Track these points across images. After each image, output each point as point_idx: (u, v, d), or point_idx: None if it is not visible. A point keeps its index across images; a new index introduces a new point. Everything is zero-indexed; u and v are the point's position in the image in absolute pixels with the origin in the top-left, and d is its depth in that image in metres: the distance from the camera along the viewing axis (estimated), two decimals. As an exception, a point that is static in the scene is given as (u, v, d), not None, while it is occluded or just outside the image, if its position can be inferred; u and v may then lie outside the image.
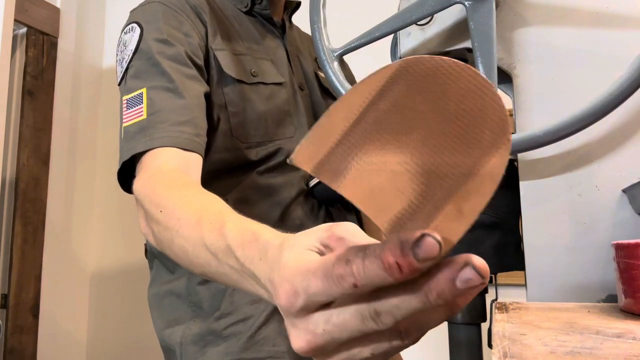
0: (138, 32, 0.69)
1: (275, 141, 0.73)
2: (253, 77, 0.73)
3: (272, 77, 0.76)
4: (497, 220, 0.63)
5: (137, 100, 0.64)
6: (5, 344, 1.71)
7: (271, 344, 0.68)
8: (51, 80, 1.93)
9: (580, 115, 0.48)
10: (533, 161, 0.57)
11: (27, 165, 1.81)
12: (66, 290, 1.96)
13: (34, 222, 1.83)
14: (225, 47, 0.72)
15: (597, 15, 0.57)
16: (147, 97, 0.63)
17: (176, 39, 0.67)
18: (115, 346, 1.96)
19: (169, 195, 0.52)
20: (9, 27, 1.52)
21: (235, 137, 0.70)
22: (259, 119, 0.72)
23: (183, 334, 0.70)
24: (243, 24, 0.79)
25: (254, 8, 0.81)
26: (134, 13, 0.72)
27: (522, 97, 0.59)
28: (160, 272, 0.75)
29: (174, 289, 0.73)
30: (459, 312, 0.64)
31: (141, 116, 0.62)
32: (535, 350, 0.33)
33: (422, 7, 0.58)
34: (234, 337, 0.68)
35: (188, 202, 0.50)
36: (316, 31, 0.62)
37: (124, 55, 0.69)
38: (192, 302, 0.71)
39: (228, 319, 0.69)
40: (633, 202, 0.53)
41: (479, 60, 0.55)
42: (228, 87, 0.70)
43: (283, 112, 0.75)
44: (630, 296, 0.42)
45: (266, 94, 0.74)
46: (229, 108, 0.70)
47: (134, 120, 0.63)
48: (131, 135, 0.62)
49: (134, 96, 0.65)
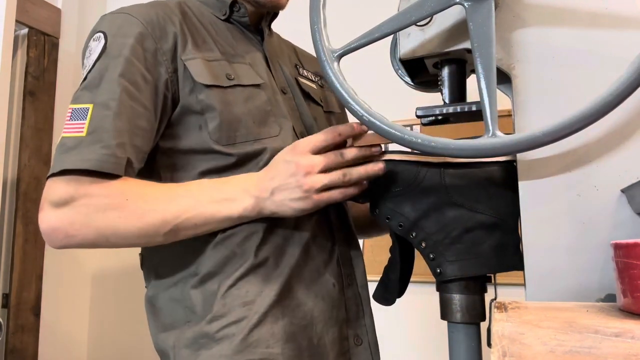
0: (102, 43, 0.70)
1: (260, 140, 0.73)
2: (229, 80, 0.74)
3: (250, 79, 0.77)
4: (497, 221, 0.63)
5: (81, 114, 0.66)
6: (6, 343, 1.71)
7: (264, 346, 0.68)
8: (52, 80, 1.93)
9: (580, 115, 0.49)
10: (532, 161, 0.58)
11: (28, 166, 1.81)
12: (67, 290, 1.96)
13: (35, 222, 1.83)
14: (196, 55, 0.73)
15: (597, 16, 0.57)
16: (92, 114, 0.65)
17: (136, 56, 0.69)
18: (116, 346, 1.96)
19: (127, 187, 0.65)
20: (10, 28, 1.52)
21: (214, 140, 0.71)
22: (238, 120, 0.72)
23: (177, 338, 0.71)
24: (220, 31, 0.81)
25: (233, 16, 0.83)
26: (103, 21, 0.73)
27: (521, 98, 0.59)
28: (158, 281, 0.76)
29: (172, 294, 0.73)
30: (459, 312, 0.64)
31: (80, 133, 0.64)
32: (535, 349, 0.33)
33: (421, 8, 0.59)
34: (227, 339, 0.68)
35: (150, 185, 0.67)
36: (316, 32, 0.62)
37: (88, 62, 0.71)
38: (186, 306, 0.71)
39: (220, 321, 0.69)
40: (632, 202, 0.53)
41: (478, 60, 0.55)
42: (202, 93, 0.71)
43: (265, 112, 0.75)
44: (629, 296, 0.42)
45: (244, 95, 0.74)
46: (206, 114, 0.71)
47: (73, 134, 0.65)
48: (65, 149, 0.64)
49: (80, 108, 0.66)
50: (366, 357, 0.78)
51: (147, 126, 0.68)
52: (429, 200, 0.65)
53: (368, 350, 0.78)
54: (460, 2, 0.57)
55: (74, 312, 1.99)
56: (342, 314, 0.77)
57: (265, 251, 0.71)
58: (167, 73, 0.71)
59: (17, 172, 1.80)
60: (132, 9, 0.73)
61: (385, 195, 0.68)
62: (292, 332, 0.70)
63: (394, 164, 0.67)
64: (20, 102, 1.83)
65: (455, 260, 0.64)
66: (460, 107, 0.66)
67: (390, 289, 0.73)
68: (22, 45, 1.86)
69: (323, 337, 0.73)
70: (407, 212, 0.66)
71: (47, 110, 1.88)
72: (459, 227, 0.64)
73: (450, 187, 0.65)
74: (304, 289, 0.73)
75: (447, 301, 0.65)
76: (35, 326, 1.80)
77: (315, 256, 0.75)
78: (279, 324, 0.69)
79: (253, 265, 0.70)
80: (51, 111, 1.90)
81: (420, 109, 0.68)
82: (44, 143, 1.86)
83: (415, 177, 0.66)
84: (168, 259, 0.74)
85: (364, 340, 0.79)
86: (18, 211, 1.78)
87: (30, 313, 1.79)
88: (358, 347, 0.78)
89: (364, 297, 0.82)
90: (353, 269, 0.81)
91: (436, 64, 0.71)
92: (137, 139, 0.67)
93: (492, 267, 0.63)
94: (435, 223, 0.65)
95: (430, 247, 0.65)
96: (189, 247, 0.71)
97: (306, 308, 0.72)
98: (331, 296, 0.76)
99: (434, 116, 0.68)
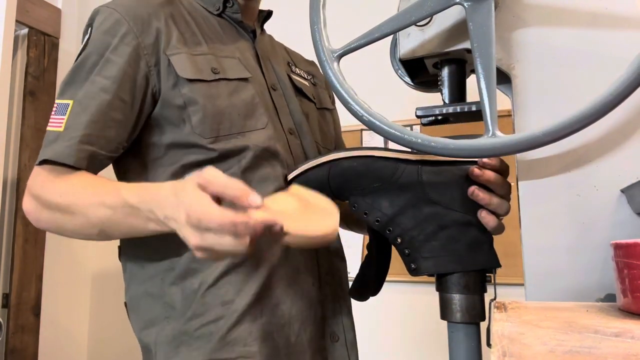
0: (87, 38, 0.74)
1: (244, 133, 0.74)
2: (214, 74, 0.74)
3: (237, 73, 0.77)
4: (471, 219, 0.64)
5: (62, 109, 0.71)
6: (6, 343, 1.71)
7: (242, 344, 0.69)
8: (52, 80, 1.93)
9: (580, 115, 0.48)
10: (532, 161, 0.58)
11: (28, 166, 1.82)
12: (67, 290, 1.96)
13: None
14: (181, 50, 0.74)
15: (596, 16, 0.57)
16: (72, 110, 0.70)
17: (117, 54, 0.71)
18: (116, 345, 1.96)
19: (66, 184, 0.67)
20: (10, 28, 1.52)
21: (198, 134, 0.71)
22: (221, 114, 0.73)
23: (157, 334, 0.72)
24: (211, 26, 0.81)
25: (225, 11, 0.84)
26: (92, 14, 0.76)
27: (521, 98, 0.59)
28: (134, 273, 0.77)
29: (148, 289, 0.74)
30: (459, 312, 0.64)
31: (59, 127, 0.70)
32: (534, 349, 0.33)
33: (421, 8, 0.59)
34: (206, 337, 0.69)
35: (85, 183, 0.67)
36: (316, 32, 0.63)
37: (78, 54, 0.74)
38: (166, 302, 0.72)
39: (200, 319, 0.70)
40: (632, 202, 0.53)
41: (478, 61, 0.55)
42: (185, 87, 0.72)
43: (252, 105, 0.76)
44: (628, 296, 0.42)
45: (229, 89, 0.75)
46: (189, 108, 0.72)
47: (54, 128, 0.70)
48: (47, 142, 0.70)
49: (62, 103, 0.72)
50: (342, 353, 0.79)
51: (122, 118, 0.70)
52: (406, 197, 0.66)
53: (344, 347, 0.79)
54: (460, 2, 0.57)
55: (74, 312, 1.99)
56: (319, 312, 0.78)
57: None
58: (147, 67, 0.72)
59: (17, 172, 1.80)
60: (118, 3, 0.75)
61: (364, 191, 0.68)
62: (269, 331, 0.71)
63: (373, 160, 0.68)
64: (20, 102, 1.83)
65: (430, 257, 0.64)
66: (460, 107, 0.66)
67: (366, 285, 0.74)
68: (22, 45, 1.86)
69: (300, 335, 0.74)
70: (385, 208, 0.66)
71: (47, 110, 1.89)
72: (434, 224, 0.65)
73: (427, 184, 0.65)
74: (282, 288, 0.73)
75: (447, 301, 0.65)
76: (35, 326, 1.80)
77: (295, 255, 0.76)
78: (257, 323, 0.70)
79: (233, 263, 0.71)
80: (51, 111, 1.90)
81: (420, 109, 0.68)
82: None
83: (393, 174, 0.67)
84: (142, 251, 0.75)
85: (341, 337, 0.79)
86: (18, 211, 1.78)
87: (30, 313, 1.79)
88: (334, 344, 0.79)
89: (343, 294, 0.82)
90: (333, 267, 0.82)
91: (436, 64, 0.71)
92: (109, 130, 0.69)
93: (466, 264, 0.64)
94: (411, 219, 0.66)
95: (405, 243, 0.66)
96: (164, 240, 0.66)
97: (284, 307, 0.73)
98: (309, 295, 0.76)
99: (433, 116, 0.68)
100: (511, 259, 0.96)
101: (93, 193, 0.66)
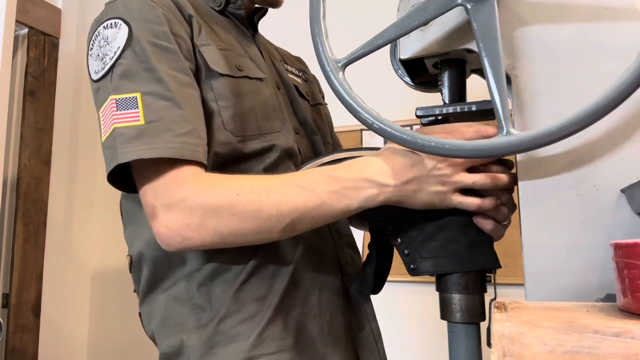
0: (125, 29, 0.65)
1: (266, 135, 0.73)
2: (239, 71, 0.73)
3: (255, 72, 0.76)
4: (471, 220, 0.64)
5: (129, 103, 0.62)
6: (6, 343, 1.71)
7: (279, 338, 0.68)
8: (52, 80, 1.93)
9: (594, 107, 0.48)
10: (532, 161, 0.58)
11: (28, 166, 1.82)
12: (67, 290, 1.97)
13: (35, 222, 1.84)
14: (210, 42, 0.71)
15: (596, 16, 0.57)
16: (143, 102, 0.61)
17: (170, 41, 0.66)
18: (116, 345, 1.96)
19: (229, 180, 0.62)
20: (10, 28, 1.52)
21: (229, 130, 0.69)
22: (249, 113, 0.71)
23: (188, 337, 0.69)
24: (219, 23, 0.79)
25: (228, 8, 0.81)
26: (114, 7, 0.68)
27: (521, 98, 0.59)
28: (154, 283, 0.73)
29: (173, 294, 0.71)
30: (459, 312, 0.65)
31: (138, 121, 0.60)
32: (534, 349, 0.33)
33: (424, 12, 0.58)
34: (243, 336, 0.67)
35: (258, 177, 0.64)
36: (318, 43, 0.62)
37: (107, 51, 0.65)
38: (195, 304, 0.69)
39: (234, 318, 0.68)
40: (632, 202, 0.53)
41: (485, 60, 0.55)
42: (216, 81, 0.69)
43: (269, 106, 0.75)
44: (628, 296, 0.42)
45: (252, 88, 0.74)
46: (219, 102, 0.69)
47: (129, 124, 0.61)
48: (127, 138, 0.60)
49: (125, 98, 0.62)
50: (369, 341, 0.79)
51: (199, 111, 0.66)
52: None
53: (371, 335, 0.80)
54: (462, 3, 0.57)
55: (74, 312, 1.99)
56: (345, 302, 0.78)
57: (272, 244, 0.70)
58: (190, 56, 0.68)
59: (17, 172, 1.80)
60: None
61: None
62: (303, 322, 0.71)
63: None
64: (20, 102, 1.83)
65: (429, 257, 0.65)
66: (460, 107, 0.66)
67: (366, 284, 0.74)
68: (22, 45, 1.86)
69: (333, 324, 0.74)
70: (386, 208, 0.66)
71: (47, 110, 1.89)
72: (433, 225, 0.65)
73: None
74: (309, 280, 0.73)
75: (446, 301, 0.65)
76: (35, 326, 1.80)
77: (318, 247, 0.76)
78: (290, 316, 0.70)
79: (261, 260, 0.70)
80: (51, 111, 1.90)
81: (420, 109, 0.68)
82: (44, 143, 1.86)
83: None
84: (163, 258, 0.71)
85: (366, 326, 0.80)
86: (18, 211, 1.78)
87: (30, 313, 1.79)
88: (361, 332, 0.79)
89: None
90: (351, 258, 0.82)
91: (436, 64, 0.71)
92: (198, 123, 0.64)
93: (465, 265, 0.64)
94: (411, 220, 0.66)
95: (405, 243, 0.66)
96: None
97: (313, 298, 0.73)
98: (335, 286, 0.77)
99: (433, 116, 0.68)
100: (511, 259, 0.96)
101: (267, 181, 0.62)
